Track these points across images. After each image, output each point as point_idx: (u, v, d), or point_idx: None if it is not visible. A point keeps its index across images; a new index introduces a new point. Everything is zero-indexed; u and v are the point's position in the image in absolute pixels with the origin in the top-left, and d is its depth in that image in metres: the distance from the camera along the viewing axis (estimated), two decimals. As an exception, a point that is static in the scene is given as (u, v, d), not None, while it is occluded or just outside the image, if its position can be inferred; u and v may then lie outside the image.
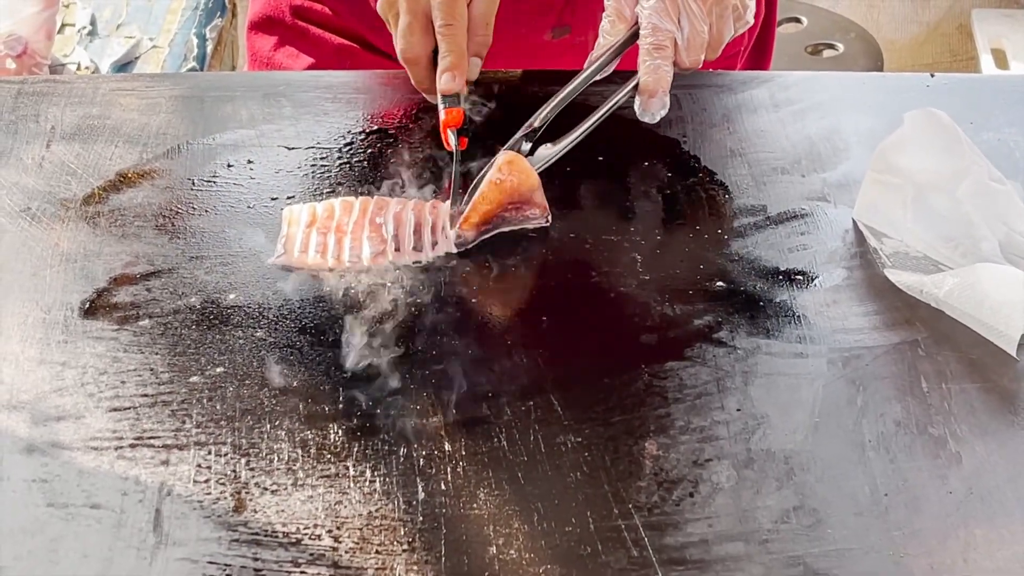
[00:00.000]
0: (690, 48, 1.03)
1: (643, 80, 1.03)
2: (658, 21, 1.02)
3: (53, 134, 1.10)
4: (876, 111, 1.14)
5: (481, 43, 1.08)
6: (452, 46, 1.05)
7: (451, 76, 1.04)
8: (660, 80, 1.03)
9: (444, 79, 1.04)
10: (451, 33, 1.05)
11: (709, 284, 0.96)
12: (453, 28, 1.04)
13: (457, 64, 1.05)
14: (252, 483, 0.81)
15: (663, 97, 1.04)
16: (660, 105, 1.04)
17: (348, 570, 0.76)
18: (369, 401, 0.87)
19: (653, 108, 1.04)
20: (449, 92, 1.05)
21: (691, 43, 1.03)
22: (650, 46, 1.03)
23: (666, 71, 1.03)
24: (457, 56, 1.05)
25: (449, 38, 1.05)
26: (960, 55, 2.85)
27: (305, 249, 0.98)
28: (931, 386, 0.88)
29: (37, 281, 0.96)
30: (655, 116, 1.05)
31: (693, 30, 1.02)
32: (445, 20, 1.04)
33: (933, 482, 0.82)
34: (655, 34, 1.02)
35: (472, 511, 0.80)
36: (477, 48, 1.08)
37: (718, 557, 0.77)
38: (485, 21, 1.07)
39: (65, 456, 0.83)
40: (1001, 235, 0.97)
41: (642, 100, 1.04)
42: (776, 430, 0.85)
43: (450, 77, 1.04)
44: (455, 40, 1.05)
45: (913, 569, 0.76)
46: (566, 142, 1.04)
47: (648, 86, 1.03)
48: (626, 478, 0.82)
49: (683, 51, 1.03)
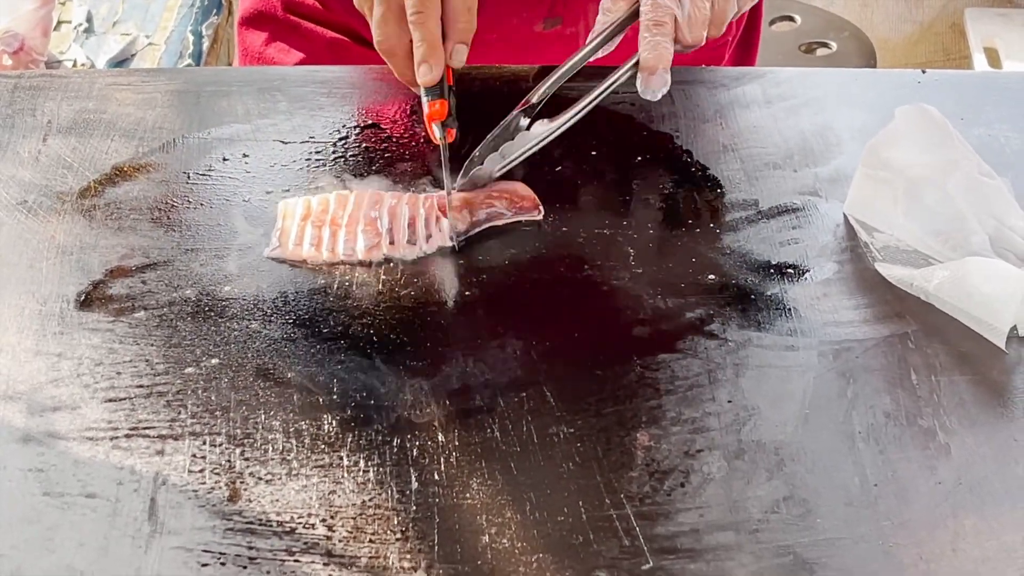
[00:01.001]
0: (692, 25, 1.01)
1: (643, 57, 1.00)
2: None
3: (50, 128, 1.11)
4: (868, 107, 1.15)
5: (464, 29, 1.04)
6: (424, 34, 1.01)
7: (428, 67, 1.01)
8: (660, 57, 1.00)
9: (421, 71, 1.01)
10: (421, 21, 1.01)
11: (701, 278, 0.97)
12: (423, 15, 1.01)
13: (431, 54, 1.01)
14: (247, 473, 0.82)
15: (664, 74, 1.01)
16: (661, 82, 1.01)
17: (342, 559, 0.77)
18: (363, 392, 0.87)
19: (654, 85, 1.01)
20: (427, 83, 1.02)
21: (693, 19, 1.01)
22: (650, 22, 1.00)
23: (666, 48, 1.00)
24: (429, 45, 1.01)
25: (420, 26, 1.01)
26: (953, 54, 2.86)
27: (300, 242, 0.99)
28: (920, 378, 0.89)
29: (33, 273, 0.96)
30: (656, 93, 1.02)
31: (695, 6, 1.01)
32: (415, 7, 1.01)
33: (922, 473, 0.82)
34: (655, 10, 1.00)
35: (465, 501, 0.80)
36: (460, 35, 1.03)
37: (708, 546, 0.78)
38: (466, 6, 1.03)
39: (61, 446, 0.83)
40: (991, 229, 0.97)
41: (643, 77, 1.01)
42: (767, 421, 0.86)
43: (427, 68, 1.01)
44: (427, 28, 1.01)
45: (902, 559, 0.77)
46: (564, 119, 1.01)
47: (648, 63, 1.00)
48: (618, 468, 0.82)
49: (684, 28, 1.01)
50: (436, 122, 1.01)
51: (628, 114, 1.11)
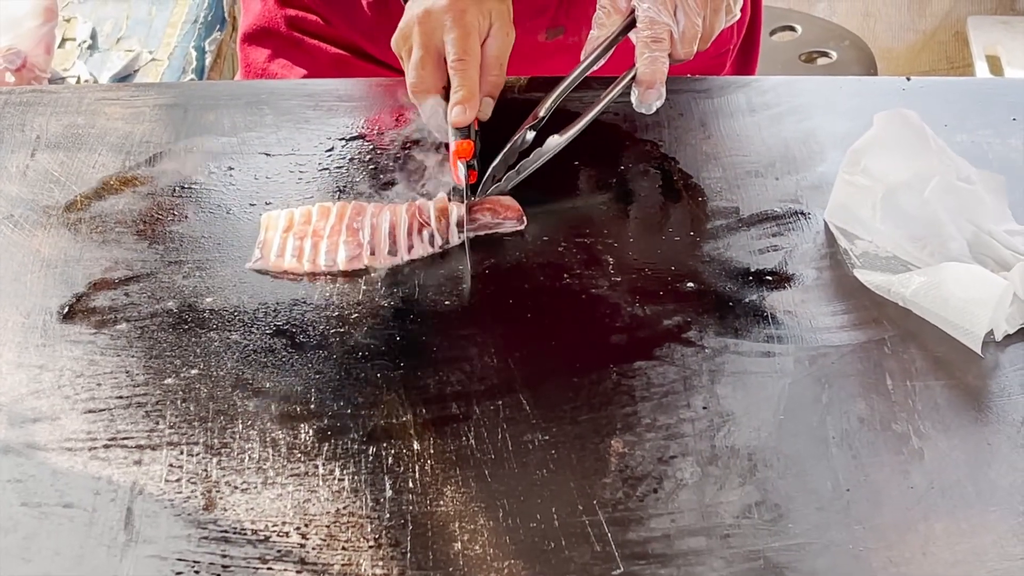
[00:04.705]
0: (684, 40, 1.05)
1: (641, 72, 1.05)
2: (655, 15, 1.04)
3: (38, 143, 1.12)
4: (852, 115, 1.15)
5: (494, 83, 1.10)
6: (464, 80, 1.06)
7: (462, 109, 1.06)
8: (657, 72, 1.05)
9: (455, 112, 1.06)
10: (463, 68, 1.06)
11: (680, 285, 0.97)
12: (465, 63, 1.06)
13: (469, 98, 1.06)
14: (223, 482, 0.83)
15: (660, 88, 1.05)
16: (656, 96, 1.06)
17: (315, 566, 0.77)
18: (340, 401, 0.88)
19: (650, 99, 1.06)
20: (460, 125, 1.06)
21: (685, 35, 1.05)
22: (648, 39, 1.04)
23: (663, 63, 1.05)
24: (469, 90, 1.06)
25: (462, 72, 1.06)
26: (956, 62, 2.86)
27: (282, 253, 1.00)
28: (896, 383, 0.89)
29: (17, 286, 0.97)
30: (651, 107, 1.07)
31: (688, 23, 1.04)
32: (458, 55, 1.06)
33: (895, 477, 0.83)
34: (652, 27, 1.04)
35: (439, 508, 0.81)
36: (490, 88, 1.10)
37: (680, 551, 0.78)
38: (499, 62, 1.10)
39: (40, 457, 0.84)
40: (968, 234, 0.98)
41: (639, 92, 1.06)
42: (741, 427, 0.86)
43: (461, 110, 1.06)
44: (467, 74, 1.06)
45: (872, 562, 0.77)
46: (571, 132, 1.05)
47: (646, 77, 1.05)
48: (591, 475, 0.83)
49: (678, 43, 1.05)
50: (462, 160, 1.05)
51: (613, 124, 1.12)
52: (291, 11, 1.33)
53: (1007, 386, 0.89)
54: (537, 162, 1.05)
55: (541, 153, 1.05)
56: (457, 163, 1.05)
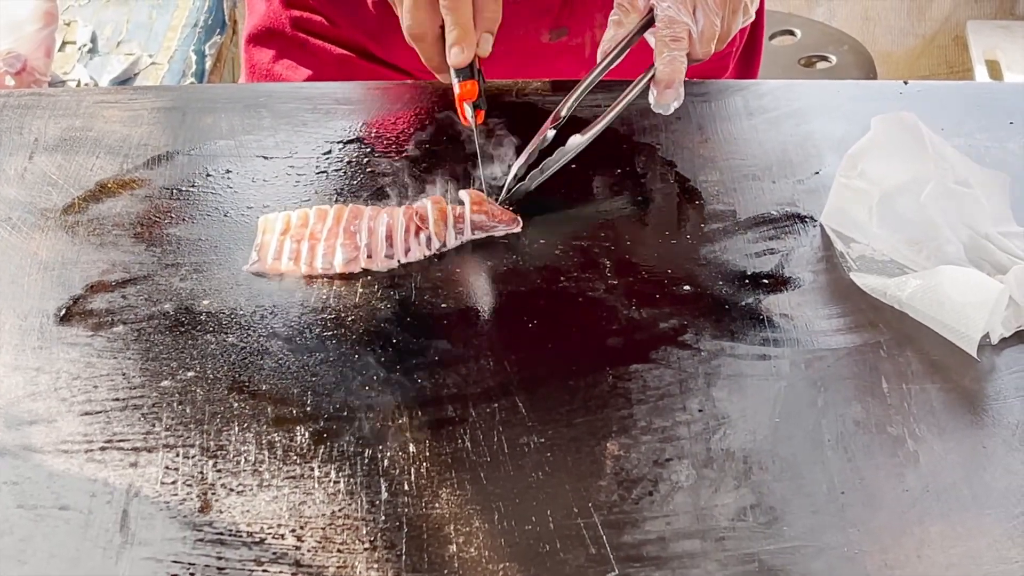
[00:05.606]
0: (703, 40, 1.05)
1: (660, 71, 1.05)
2: (675, 14, 1.04)
3: (36, 146, 1.12)
4: (849, 118, 1.15)
5: (491, 19, 1.08)
6: (457, 18, 1.05)
7: (459, 49, 1.05)
8: (676, 71, 1.05)
9: (453, 52, 1.05)
10: (455, 7, 1.05)
11: (676, 288, 0.97)
12: (456, 2, 1.05)
13: (464, 37, 1.05)
14: (219, 484, 0.83)
15: (678, 88, 1.06)
16: (675, 96, 1.06)
17: (310, 568, 0.77)
18: (336, 404, 0.88)
19: (668, 99, 1.06)
20: (459, 65, 1.06)
21: (704, 35, 1.05)
22: (667, 38, 1.04)
23: (682, 63, 1.05)
24: (463, 29, 1.05)
25: (454, 11, 1.05)
26: (956, 67, 2.86)
27: (279, 256, 1.00)
28: (892, 386, 0.89)
29: (15, 289, 0.97)
30: (669, 107, 1.07)
31: (707, 22, 1.04)
32: None
33: (890, 480, 0.83)
34: (672, 26, 1.04)
35: (434, 510, 0.81)
36: (487, 24, 1.08)
37: (674, 554, 0.78)
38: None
39: (36, 459, 0.84)
40: (965, 238, 0.98)
41: (658, 91, 1.06)
42: (737, 430, 0.86)
43: (459, 50, 1.05)
44: (460, 13, 1.05)
45: (867, 565, 0.77)
46: (593, 131, 1.05)
47: (665, 77, 1.05)
48: (587, 478, 0.83)
49: (696, 43, 1.05)
50: (467, 102, 1.05)
51: (611, 127, 1.11)
52: (296, 12, 1.33)
53: (1003, 389, 0.89)
54: (560, 161, 1.05)
55: (564, 152, 1.05)
56: (463, 105, 1.05)
